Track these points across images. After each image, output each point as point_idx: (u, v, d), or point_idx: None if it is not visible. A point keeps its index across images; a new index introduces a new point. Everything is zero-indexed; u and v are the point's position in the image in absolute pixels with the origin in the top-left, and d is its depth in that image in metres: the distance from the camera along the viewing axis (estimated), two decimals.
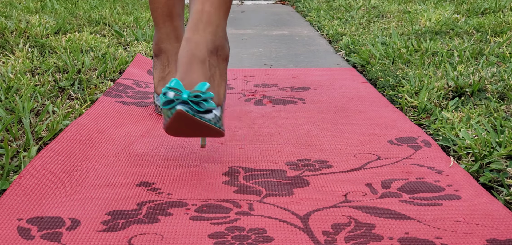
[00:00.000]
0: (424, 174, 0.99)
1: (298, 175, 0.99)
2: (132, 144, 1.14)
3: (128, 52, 2.11)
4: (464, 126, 1.19)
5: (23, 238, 0.75)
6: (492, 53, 1.89)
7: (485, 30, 2.36)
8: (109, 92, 1.50)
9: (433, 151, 1.10)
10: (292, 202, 0.88)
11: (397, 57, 1.92)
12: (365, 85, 1.67)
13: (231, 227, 0.80)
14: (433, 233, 0.78)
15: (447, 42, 2.16)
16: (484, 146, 1.07)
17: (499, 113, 1.26)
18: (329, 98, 1.53)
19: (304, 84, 1.69)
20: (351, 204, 0.87)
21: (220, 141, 1.17)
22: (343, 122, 1.30)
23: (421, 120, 1.33)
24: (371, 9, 3.34)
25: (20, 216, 0.81)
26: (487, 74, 1.58)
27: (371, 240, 0.76)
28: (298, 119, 1.33)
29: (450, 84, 1.51)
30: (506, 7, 2.90)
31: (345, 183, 0.95)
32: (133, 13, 3.14)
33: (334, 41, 2.52)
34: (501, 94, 1.43)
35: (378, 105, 1.44)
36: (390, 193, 0.91)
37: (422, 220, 0.82)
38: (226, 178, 0.98)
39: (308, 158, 1.07)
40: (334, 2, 3.79)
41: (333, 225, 0.80)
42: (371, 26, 2.78)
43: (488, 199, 0.88)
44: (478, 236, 0.77)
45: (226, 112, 1.39)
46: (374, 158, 1.07)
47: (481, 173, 1.00)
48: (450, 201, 0.88)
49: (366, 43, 2.22)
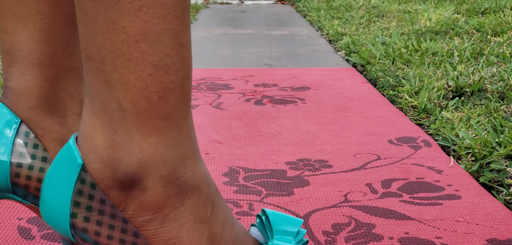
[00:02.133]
0: (424, 174, 0.99)
1: (298, 175, 0.99)
2: None
3: None
4: (464, 126, 1.19)
5: (23, 238, 0.75)
6: (492, 53, 1.89)
7: (485, 30, 2.36)
8: None
9: (433, 151, 1.10)
10: (292, 202, 0.88)
11: (397, 57, 1.92)
12: (365, 85, 1.67)
13: None
14: (433, 233, 0.78)
15: (447, 42, 2.16)
16: (484, 146, 1.07)
17: (499, 113, 1.26)
18: (329, 98, 1.53)
19: (304, 84, 1.69)
20: (351, 204, 0.87)
21: (220, 141, 1.17)
22: (343, 122, 1.30)
23: (421, 120, 1.33)
24: (371, 9, 3.34)
25: (20, 215, 0.81)
26: (487, 74, 1.58)
27: (371, 240, 0.76)
28: (298, 119, 1.33)
29: (450, 84, 1.51)
30: (506, 7, 2.90)
31: (345, 183, 0.95)
32: None
33: (334, 41, 2.52)
34: (501, 94, 1.43)
35: (378, 105, 1.44)
36: (390, 193, 0.91)
37: (422, 220, 0.82)
38: (226, 178, 0.98)
39: (308, 158, 1.07)
40: (334, 2, 3.79)
41: (333, 225, 0.80)
42: (371, 26, 2.78)
43: (488, 199, 0.88)
44: (478, 236, 0.77)
45: (226, 111, 1.39)
46: (374, 158, 1.07)
47: (481, 173, 1.00)
48: (450, 201, 0.88)
49: (366, 43, 2.22)
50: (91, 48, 0.43)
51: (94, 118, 0.44)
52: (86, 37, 0.43)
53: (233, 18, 3.57)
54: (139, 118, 0.43)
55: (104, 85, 0.43)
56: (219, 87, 1.65)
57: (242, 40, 2.65)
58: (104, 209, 0.45)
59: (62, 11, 0.54)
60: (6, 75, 0.55)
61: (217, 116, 1.35)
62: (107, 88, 0.43)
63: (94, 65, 0.43)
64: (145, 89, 0.43)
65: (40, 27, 0.53)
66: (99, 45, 0.42)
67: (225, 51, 2.34)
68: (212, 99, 1.51)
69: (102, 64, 0.42)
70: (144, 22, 0.41)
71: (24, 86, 0.54)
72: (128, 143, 0.44)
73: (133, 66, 0.42)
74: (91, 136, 0.45)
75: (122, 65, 0.42)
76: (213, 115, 1.36)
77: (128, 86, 0.42)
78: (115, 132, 0.44)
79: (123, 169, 0.44)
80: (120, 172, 0.44)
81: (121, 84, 0.42)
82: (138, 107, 0.43)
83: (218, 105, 1.45)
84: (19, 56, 0.54)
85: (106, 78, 0.43)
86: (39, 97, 0.54)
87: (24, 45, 0.54)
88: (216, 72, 1.86)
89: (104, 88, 0.43)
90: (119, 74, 0.42)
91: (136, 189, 0.45)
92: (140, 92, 0.43)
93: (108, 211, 0.46)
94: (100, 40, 0.42)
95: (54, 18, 0.54)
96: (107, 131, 0.44)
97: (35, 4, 0.53)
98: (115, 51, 0.42)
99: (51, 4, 0.53)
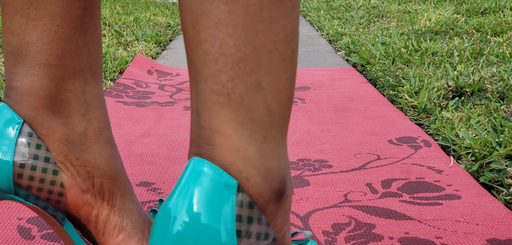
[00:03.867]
0: (424, 174, 0.99)
1: (298, 175, 0.99)
2: (132, 144, 1.14)
3: (128, 52, 2.11)
4: (464, 126, 1.19)
5: (23, 238, 0.75)
6: (492, 53, 1.89)
7: (485, 30, 2.36)
8: (109, 92, 1.50)
9: (433, 151, 1.10)
10: (292, 202, 0.88)
11: (397, 57, 1.92)
12: (365, 85, 1.67)
13: None
14: (433, 233, 0.78)
15: (447, 42, 2.16)
16: (484, 146, 1.07)
17: (499, 113, 1.26)
18: (329, 98, 1.53)
19: (304, 84, 1.69)
20: (351, 204, 0.87)
21: None
22: (343, 122, 1.30)
23: (421, 120, 1.33)
24: (371, 9, 3.34)
25: (20, 215, 0.81)
26: (487, 74, 1.58)
27: (371, 240, 0.76)
28: (298, 119, 1.33)
29: (450, 84, 1.51)
30: (506, 7, 2.90)
31: (345, 183, 0.95)
32: (133, 13, 3.14)
33: (334, 41, 2.52)
34: (501, 94, 1.43)
35: (378, 105, 1.44)
36: (390, 193, 0.91)
37: (422, 220, 0.82)
38: None
39: (308, 158, 1.07)
40: (334, 2, 3.79)
41: (333, 225, 0.80)
42: (371, 26, 2.78)
43: (488, 199, 0.88)
44: (478, 236, 0.77)
45: None
46: (374, 158, 1.07)
47: (481, 173, 1.00)
48: (450, 201, 0.88)
49: (366, 43, 2.22)
50: (246, 49, 0.39)
51: (240, 128, 0.40)
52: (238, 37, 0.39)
53: None
54: (282, 121, 0.42)
55: (254, 89, 0.40)
56: None
57: None
58: (260, 230, 0.41)
59: (73, 12, 0.53)
60: (10, 75, 0.54)
61: None
62: (257, 92, 0.40)
63: (246, 69, 0.39)
64: (290, 89, 0.41)
65: (49, 28, 0.53)
66: (258, 45, 0.39)
67: None
68: None
69: (256, 66, 0.39)
70: (294, 21, 0.41)
71: (30, 86, 0.53)
72: (275, 149, 0.41)
73: (286, 65, 0.40)
74: (243, 148, 0.40)
75: (277, 65, 0.40)
76: None
77: (278, 87, 0.40)
78: (264, 139, 0.41)
79: (278, 178, 0.42)
80: (276, 182, 0.42)
81: (273, 85, 0.40)
82: (283, 109, 0.41)
83: None
84: (26, 56, 0.53)
85: (258, 81, 0.40)
86: (44, 97, 0.54)
87: (32, 46, 0.53)
88: None
89: (254, 92, 0.40)
90: (273, 75, 0.40)
91: (283, 198, 0.43)
92: (288, 92, 0.41)
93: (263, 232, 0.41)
94: (260, 39, 0.39)
95: (64, 19, 0.53)
96: (257, 140, 0.40)
97: (46, 5, 0.52)
98: (273, 51, 0.40)
99: (62, 6, 0.53)
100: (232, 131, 0.40)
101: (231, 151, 0.40)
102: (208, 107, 0.40)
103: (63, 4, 0.53)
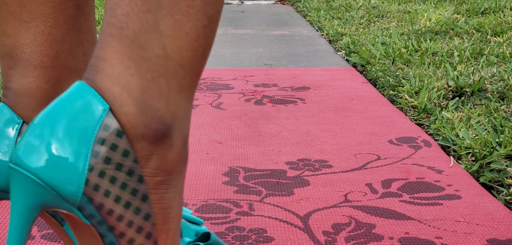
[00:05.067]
0: (424, 174, 0.99)
1: (298, 175, 0.99)
2: None
3: None
4: (464, 126, 1.19)
5: None
6: (492, 53, 1.89)
7: (485, 30, 2.36)
8: None
9: (433, 151, 1.10)
10: (292, 202, 0.88)
11: (397, 57, 1.92)
12: (365, 85, 1.67)
13: (232, 227, 0.80)
14: (433, 233, 0.78)
15: (447, 42, 2.16)
16: (484, 146, 1.07)
17: (499, 113, 1.26)
18: (329, 98, 1.53)
19: (304, 84, 1.69)
20: (351, 204, 0.87)
21: (220, 141, 1.17)
22: (343, 122, 1.30)
23: (421, 120, 1.33)
24: (371, 9, 3.34)
25: None
26: (487, 74, 1.58)
27: (371, 240, 0.76)
28: (298, 119, 1.33)
29: (450, 84, 1.51)
30: (506, 7, 2.90)
31: (345, 183, 0.95)
32: None
33: (334, 41, 2.52)
34: (501, 94, 1.43)
35: (378, 105, 1.44)
36: (390, 193, 0.91)
37: (422, 220, 0.82)
38: (226, 178, 0.98)
39: (308, 158, 1.07)
40: (334, 2, 3.79)
41: (333, 225, 0.80)
42: (371, 26, 2.78)
43: (488, 199, 0.88)
44: (478, 236, 0.77)
45: (226, 111, 1.39)
46: (374, 158, 1.07)
47: (481, 173, 1.00)
48: (450, 201, 0.88)
49: (366, 43, 2.22)
50: None
51: (128, 61, 0.40)
52: None
53: (233, 18, 3.57)
54: (181, 70, 0.41)
55: (150, 29, 0.39)
56: (219, 87, 1.65)
57: (242, 40, 2.65)
58: (124, 162, 0.40)
59: (65, 13, 0.53)
60: (6, 77, 0.54)
61: (217, 116, 1.35)
62: (153, 32, 0.39)
63: (143, 6, 0.39)
64: (196, 40, 0.40)
65: (43, 30, 0.53)
66: None
67: (225, 51, 2.34)
68: (212, 99, 1.51)
69: (155, 6, 0.39)
70: None
71: (26, 88, 0.53)
72: (166, 92, 0.40)
73: (192, 14, 0.39)
74: (125, 77, 0.40)
75: (180, 11, 0.39)
76: (213, 115, 1.36)
77: (180, 33, 0.39)
78: (153, 79, 0.40)
79: (160, 119, 0.40)
80: (156, 121, 0.40)
81: (173, 30, 0.39)
82: (183, 58, 0.40)
83: (218, 105, 1.45)
84: (21, 58, 0.53)
85: (155, 22, 0.39)
86: (41, 98, 0.54)
87: (26, 47, 0.53)
88: (216, 72, 1.86)
89: (149, 31, 0.39)
90: (174, 20, 0.39)
91: (164, 144, 0.41)
92: (191, 42, 0.40)
93: (127, 166, 0.40)
94: None
95: (57, 20, 0.53)
96: (144, 77, 0.40)
97: (38, 7, 0.52)
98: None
99: (54, 6, 0.52)
100: (117, 61, 0.39)
101: (110, 77, 0.39)
102: (102, 39, 0.40)
103: (55, 5, 0.53)
